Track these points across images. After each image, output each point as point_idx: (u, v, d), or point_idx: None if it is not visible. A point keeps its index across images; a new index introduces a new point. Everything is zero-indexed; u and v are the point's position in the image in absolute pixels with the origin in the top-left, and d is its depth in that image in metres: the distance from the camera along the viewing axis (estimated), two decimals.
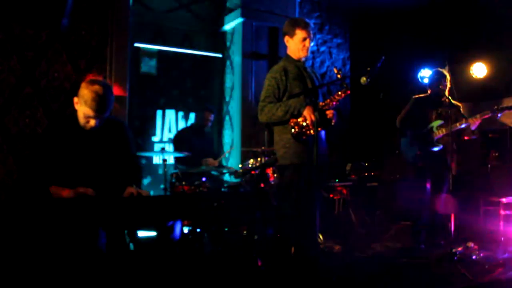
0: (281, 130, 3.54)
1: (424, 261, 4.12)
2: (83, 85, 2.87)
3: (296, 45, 3.58)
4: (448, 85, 4.84)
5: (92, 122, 2.89)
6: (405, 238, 5.09)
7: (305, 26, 3.55)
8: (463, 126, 4.58)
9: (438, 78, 4.82)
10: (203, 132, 5.55)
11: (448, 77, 4.85)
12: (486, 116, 4.53)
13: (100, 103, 2.82)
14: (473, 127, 4.58)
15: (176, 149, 5.37)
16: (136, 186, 3.08)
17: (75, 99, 2.91)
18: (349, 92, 3.44)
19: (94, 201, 2.73)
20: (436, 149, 4.72)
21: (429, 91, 4.95)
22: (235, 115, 6.25)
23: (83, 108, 2.85)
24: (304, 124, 3.38)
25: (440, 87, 4.79)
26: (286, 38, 3.63)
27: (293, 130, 3.39)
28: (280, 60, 3.77)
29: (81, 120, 2.90)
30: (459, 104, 4.86)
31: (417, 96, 5.03)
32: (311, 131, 3.37)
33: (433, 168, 4.75)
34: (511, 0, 5.80)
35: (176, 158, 5.25)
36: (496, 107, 4.49)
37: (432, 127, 4.77)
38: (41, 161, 2.88)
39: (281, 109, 3.42)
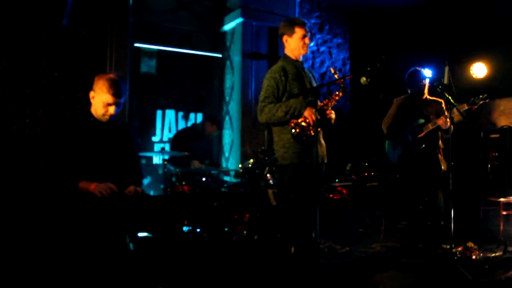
0: (281, 130, 3.54)
1: (424, 261, 4.12)
2: (97, 77, 3.06)
3: (296, 43, 3.59)
4: (427, 83, 4.84)
5: (111, 109, 3.04)
6: (405, 238, 5.09)
7: (303, 24, 3.60)
8: (437, 124, 4.57)
9: (416, 78, 4.84)
10: (203, 137, 5.56)
11: (424, 74, 4.84)
12: (464, 109, 4.53)
13: (117, 88, 3.01)
14: (444, 126, 4.54)
15: (174, 149, 5.37)
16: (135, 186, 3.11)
17: (91, 93, 3.07)
18: (346, 91, 3.47)
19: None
20: (419, 148, 4.72)
21: (409, 91, 4.96)
22: (235, 115, 6.24)
23: (101, 97, 3.01)
24: (304, 124, 3.39)
25: (419, 86, 4.81)
26: (285, 38, 3.64)
27: (293, 131, 3.39)
28: (278, 60, 3.77)
29: (100, 111, 3.05)
30: (440, 100, 4.84)
31: (398, 98, 5.05)
32: (311, 132, 3.38)
33: (420, 167, 4.75)
34: (511, 0, 5.80)
35: (172, 159, 5.23)
36: (472, 99, 4.49)
37: (413, 127, 4.77)
38: (66, 157, 2.97)
39: (282, 110, 3.42)
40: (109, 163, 3.06)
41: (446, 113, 4.56)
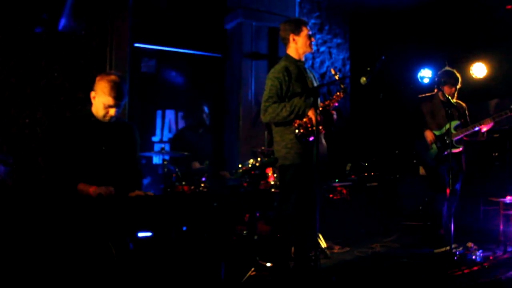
0: (283, 130, 3.54)
1: (424, 261, 4.12)
2: (98, 78, 3.02)
3: (305, 41, 3.64)
4: (459, 85, 4.79)
5: (112, 111, 3.01)
6: (405, 238, 5.09)
7: (307, 23, 3.70)
8: (476, 128, 4.54)
9: (451, 79, 4.74)
10: (202, 130, 5.56)
11: (459, 78, 4.78)
12: (507, 115, 4.48)
13: (118, 90, 2.96)
14: (484, 129, 4.54)
15: (174, 149, 5.37)
16: (138, 189, 3.11)
17: (92, 94, 3.03)
18: (347, 92, 3.49)
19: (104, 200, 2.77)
20: (457, 149, 4.65)
21: (435, 91, 4.88)
22: (235, 115, 6.24)
23: (102, 98, 2.98)
24: (308, 125, 3.39)
25: (448, 87, 4.73)
26: (292, 37, 3.64)
27: (297, 131, 3.40)
28: (280, 60, 3.78)
29: (101, 112, 3.02)
30: (463, 104, 4.84)
31: (422, 95, 4.96)
32: (315, 132, 3.38)
33: (451, 169, 4.68)
34: (511, 1, 5.80)
35: (173, 159, 5.23)
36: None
37: (449, 129, 4.70)
38: (66, 159, 2.95)
39: (286, 109, 3.42)
40: (108, 163, 3.05)
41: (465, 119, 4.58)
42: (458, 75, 4.79)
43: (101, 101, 2.98)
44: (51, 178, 2.95)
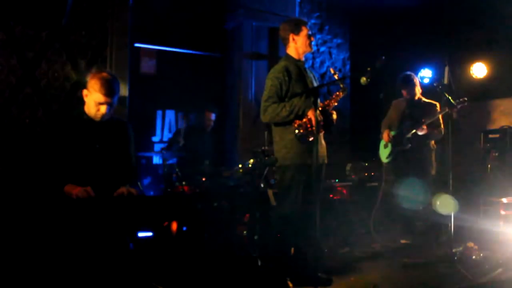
0: (283, 130, 3.54)
1: (424, 261, 4.12)
2: (90, 76, 3.03)
3: (305, 40, 3.64)
4: (419, 88, 5.03)
5: (103, 109, 3.00)
6: (405, 238, 5.08)
7: (306, 23, 3.70)
8: (430, 120, 4.77)
9: (405, 82, 5.01)
10: (204, 133, 5.56)
11: (414, 80, 4.99)
12: (444, 111, 4.64)
13: (109, 87, 2.97)
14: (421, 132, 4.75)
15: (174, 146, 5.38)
16: (129, 186, 3.07)
17: (84, 92, 3.04)
18: (347, 92, 3.51)
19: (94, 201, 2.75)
20: (405, 147, 4.87)
21: (403, 94, 5.14)
22: (235, 115, 6.24)
23: (93, 96, 2.98)
24: (308, 125, 3.39)
25: (411, 89, 4.97)
26: (292, 37, 3.64)
27: (297, 131, 3.40)
28: (280, 60, 3.78)
29: (92, 109, 3.02)
30: (435, 103, 4.93)
31: (396, 100, 5.25)
32: (315, 132, 3.38)
33: (408, 167, 4.83)
34: (511, 0, 5.80)
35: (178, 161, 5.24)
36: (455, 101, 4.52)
37: (402, 128, 4.91)
38: (55, 160, 2.95)
39: (286, 109, 3.42)
40: (100, 162, 3.03)
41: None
42: (413, 77, 5.02)
43: (92, 98, 2.99)
44: (39, 179, 2.95)
